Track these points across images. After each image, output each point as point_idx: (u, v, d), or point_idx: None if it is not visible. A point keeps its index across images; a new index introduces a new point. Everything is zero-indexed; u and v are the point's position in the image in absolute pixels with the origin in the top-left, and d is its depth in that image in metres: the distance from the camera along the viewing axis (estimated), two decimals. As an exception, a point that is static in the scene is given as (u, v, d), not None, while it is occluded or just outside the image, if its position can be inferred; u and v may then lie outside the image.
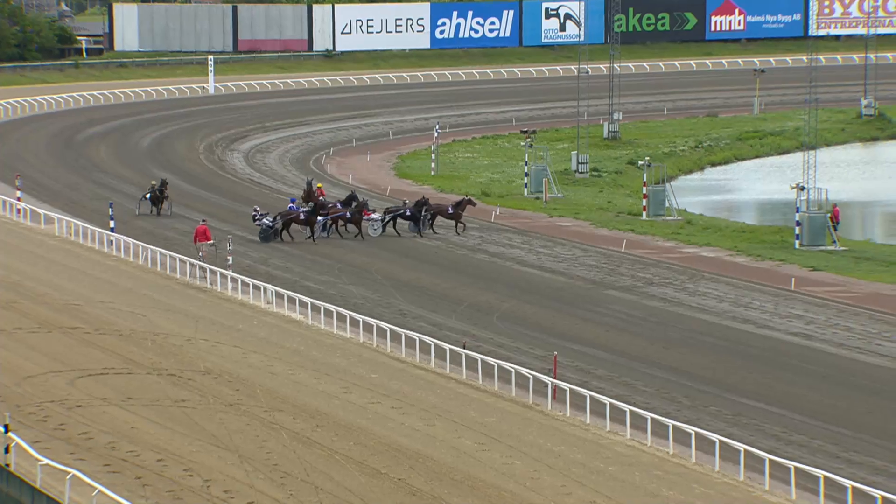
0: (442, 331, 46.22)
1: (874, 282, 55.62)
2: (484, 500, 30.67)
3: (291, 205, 63.65)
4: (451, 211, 64.67)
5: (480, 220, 71.46)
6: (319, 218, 61.24)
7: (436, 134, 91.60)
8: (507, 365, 39.88)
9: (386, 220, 63.98)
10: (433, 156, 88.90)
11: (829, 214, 64.12)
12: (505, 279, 56.00)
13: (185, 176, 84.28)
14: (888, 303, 51.75)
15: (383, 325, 44.66)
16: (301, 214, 60.97)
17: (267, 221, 60.93)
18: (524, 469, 32.79)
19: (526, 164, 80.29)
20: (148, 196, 67.07)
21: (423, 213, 63.91)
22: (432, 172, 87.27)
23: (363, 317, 45.81)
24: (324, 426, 35.81)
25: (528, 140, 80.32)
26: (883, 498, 29.31)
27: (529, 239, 65.47)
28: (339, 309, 46.86)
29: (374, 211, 64.56)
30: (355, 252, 60.73)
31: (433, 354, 42.23)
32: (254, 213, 62.28)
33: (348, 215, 62.04)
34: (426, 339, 42.94)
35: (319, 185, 69.70)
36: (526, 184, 79.82)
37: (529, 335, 46.30)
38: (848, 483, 30.13)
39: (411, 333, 43.66)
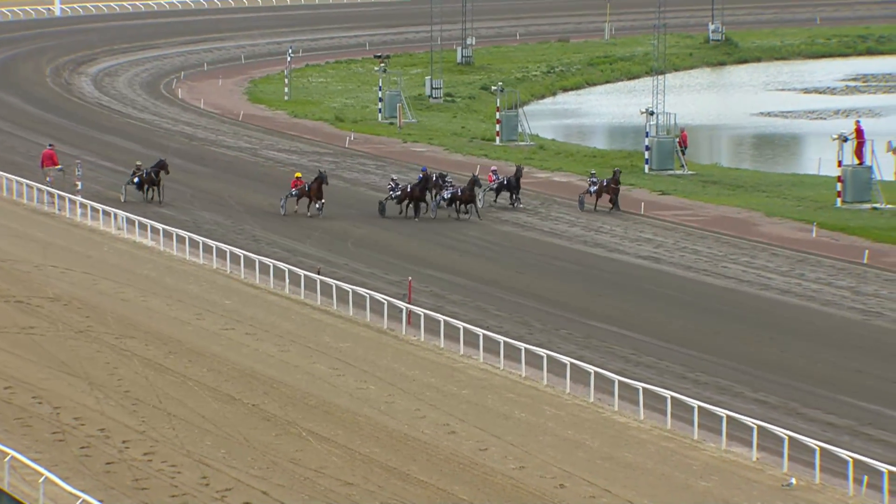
0: (296, 257, 46.14)
1: (720, 205, 56.69)
2: (338, 424, 30.84)
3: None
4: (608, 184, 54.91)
5: (334, 145, 71.28)
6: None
7: (289, 58, 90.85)
8: (361, 291, 39.99)
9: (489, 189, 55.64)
10: (286, 81, 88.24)
11: (677, 139, 65.06)
12: (359, 205, 55.98)
13: (31, 99, 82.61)
14: (734, 226, 52.81)
15: (237, 251, 44.43)
16: (408, 188, 53.12)
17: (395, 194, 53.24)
18: (378, 393, 33.01)
19: (380, 90, 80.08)
20: (136, 181, 54.65)
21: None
22: (286, 98, 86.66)
23: (216, 243, 45.52)
24: (176, 353, 35.63)
25: (382, 65, 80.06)
26: (728, 417, 30.05)
27: (384, 164, 65.49)
28: (192, 235, 46.48)
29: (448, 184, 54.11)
30: (207, 179, 60.23)
31: (287, 280, 42.16)
32: (390, 184, 54.04)
33: (459, 192, 53.29)
34: (280, 265, 42.84)
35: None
36: (380, 109, 79.65)
37: (384, 261, 46.42)
38: (695, 403, 30.82)
39: (265, 259, 43.52)
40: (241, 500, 26.61)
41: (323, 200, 52.37)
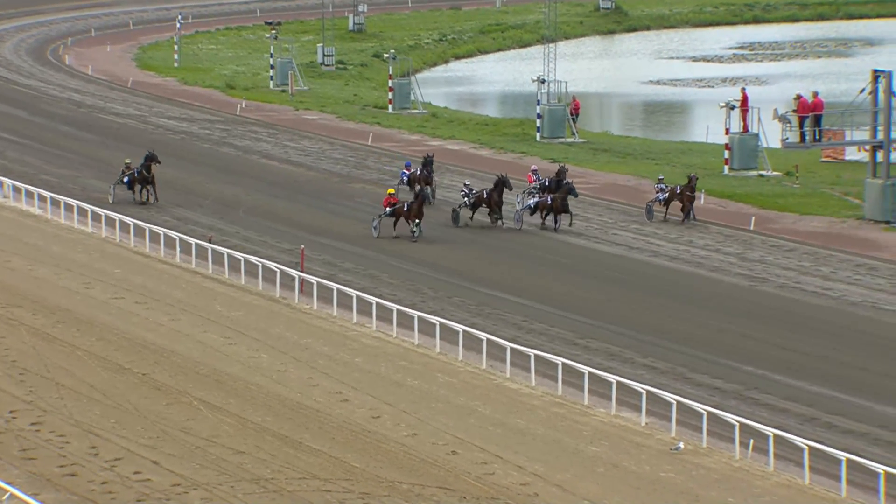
0: (187, 225, 45.79)
1: (611, 173, 57.17)
2: (230, 393, 30.73)
3: (405, 171, 51.54)
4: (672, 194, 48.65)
5: (226, 113, 70.81)
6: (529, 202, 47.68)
7: (178, 25, 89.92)
8: (253, 259, 39.82)
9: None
10: (176, 47, 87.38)
11: (568, 107, 65.43)
12: (251, 173, 55.68)
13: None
14: (624, 193, 53.28)
15: (126, 219, 44.00)
16: (484, 194, 47.69)
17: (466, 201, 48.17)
18: (271, 362, 32.94)
19: (271, 57, 79.62)
20: (125, 180, 49.35)
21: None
22: (176, 64, 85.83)
23: (105, 211, 45.04)
24: (65, 322, 35.25)
25: (273, 32, 79.60)
26: (618, 382, 30.40)
27: (276, 132, 65.20)
28: (81, 203, 45.95)
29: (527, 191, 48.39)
30: (96, 146, 59.62)
31: (178, 249, 41.85)
32: (462, 191, 48.90)
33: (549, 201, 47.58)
34: (171, 233, 42.51)
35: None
36: (272, 76, 79.23)
37: (276, 229, 46.24)
38: (585, 369, 31.13)
39: (156, 228, 43.15)
40: (130, 470, 26.45)
41: (421, 228, 45.39)
